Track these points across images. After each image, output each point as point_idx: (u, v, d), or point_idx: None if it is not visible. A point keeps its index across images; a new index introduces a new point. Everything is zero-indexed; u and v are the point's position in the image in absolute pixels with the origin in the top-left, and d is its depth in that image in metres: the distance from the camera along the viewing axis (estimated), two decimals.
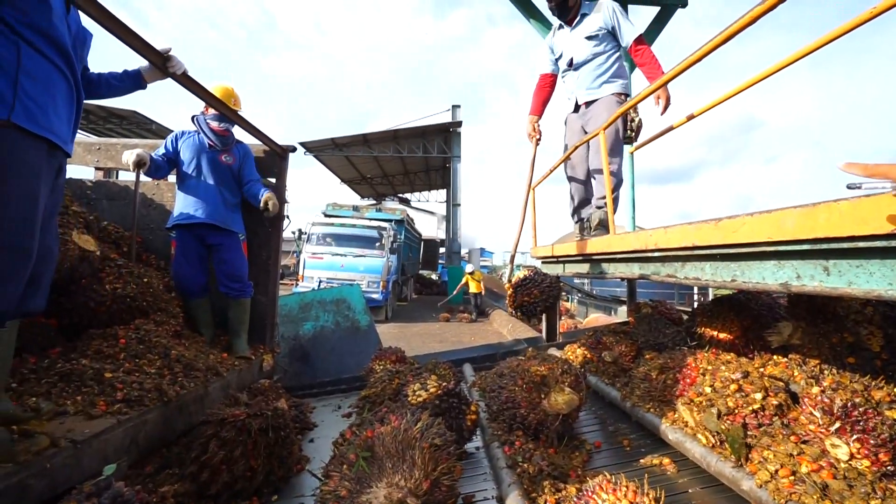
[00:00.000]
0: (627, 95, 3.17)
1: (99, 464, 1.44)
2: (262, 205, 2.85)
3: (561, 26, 3.31)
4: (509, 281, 3.45)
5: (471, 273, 13.46)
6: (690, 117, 3.03)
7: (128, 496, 1.10)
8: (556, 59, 3.41)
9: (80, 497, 1.07)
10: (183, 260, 2.75)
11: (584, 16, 3.16)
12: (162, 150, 2.79)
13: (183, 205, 2.75)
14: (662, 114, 2.99)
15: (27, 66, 1.31)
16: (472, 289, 13.17)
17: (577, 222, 3.52)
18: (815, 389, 1.39)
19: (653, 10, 5.25)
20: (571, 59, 3.25)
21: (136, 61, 1.97)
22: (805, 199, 1.05)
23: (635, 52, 2.98)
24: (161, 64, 1.94)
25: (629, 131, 3.17)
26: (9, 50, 1.27)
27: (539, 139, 3.50)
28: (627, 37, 3.00)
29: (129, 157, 2.59)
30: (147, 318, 2.39)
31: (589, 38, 3.11)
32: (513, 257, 3.67)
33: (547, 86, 3.50)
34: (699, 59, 1.79)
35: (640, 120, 3.24)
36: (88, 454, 1.41)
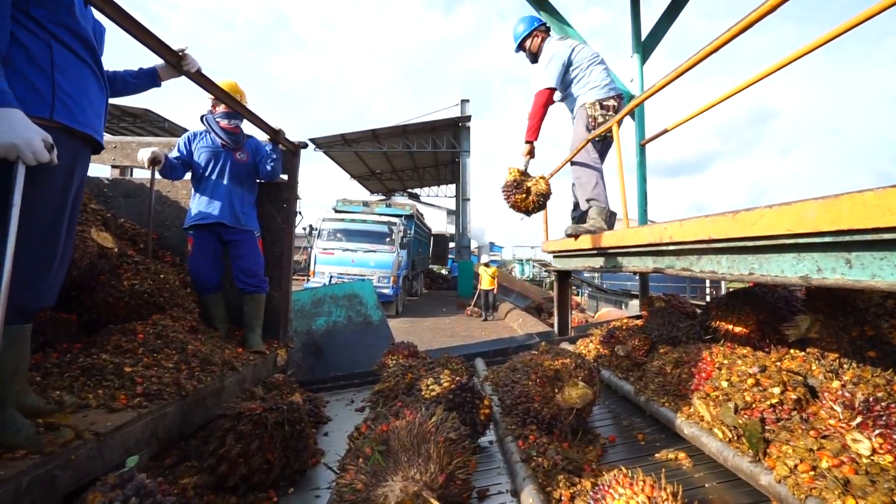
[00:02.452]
0: (598, 100, 3.15)
1: (121, 456, 1.47)
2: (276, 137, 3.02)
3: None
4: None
5: (485, 265, 11.88)
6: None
7: (150, 487, 1.13)
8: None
9: (104, 488, 1.09)
10: (199, 256, 2.79)
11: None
12: (176, 153, 2.82)
13: (199, 205, 2.79)
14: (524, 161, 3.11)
15: (60, 63, 1.34)
16: (485, 284, 11.58)
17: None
18: (836, 384, 1.37)
19: (664, 2, 5.15)
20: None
21: (147, 59, 1.99)
22: (821, 189, 1.03)
23: (533, 96, 3.14)
24: (176, 62, 1.96)
25: (589, 130, 3.19)
26: (42, 49, 1.30)
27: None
28: (533, 86, 3.18)
29: (144, 154, 2.63)
30: (164, 313, 2.43)
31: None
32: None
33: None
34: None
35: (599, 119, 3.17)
36: (111, 446, 1.44)
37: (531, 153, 3.09)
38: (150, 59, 1.98)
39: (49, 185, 1.30)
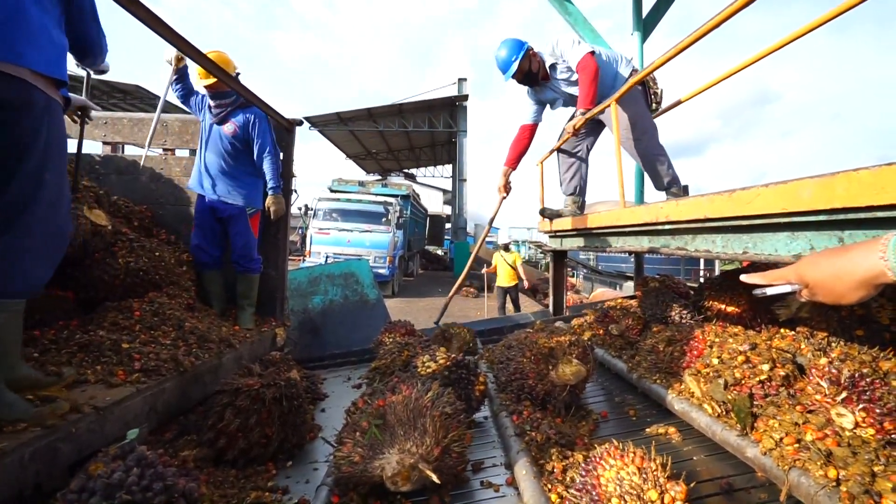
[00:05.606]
0: (635, 70, 3.18)
1: (121, 429, 1.49)
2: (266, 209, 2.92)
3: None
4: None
5: (504, 249, 8.35)
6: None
7: (151, 459, 1.14)
8: (545, 106, 3.49)
9: (106, 459, 1.11)
10: (198, 231, 2.80)
11: (553, 67, 3.21)
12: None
13: (193, 174, 2.84)
14: (571, 133, 3.10)
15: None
16: (504, 279, 8.03)
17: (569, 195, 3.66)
18: (823, 360, 1.40)
19: None
20: (570, 99, 3.33)
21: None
22: (823, 172, 1.05)
23: (578, 66, 3.01)
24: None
25: (654, 104, 3.18)
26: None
27: (507, 195, 3.59)
28: (573, 61, 3.06)
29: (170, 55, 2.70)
30: (160, 291, 2.43)
31: (572, 82, 3.18)
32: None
33: (526, 137, 3.54)
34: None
35: (661, 90, 3.22)
36: (111, 420, 1.46)
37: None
38: None
39: (65, 161, 1.36)
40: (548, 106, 3.50)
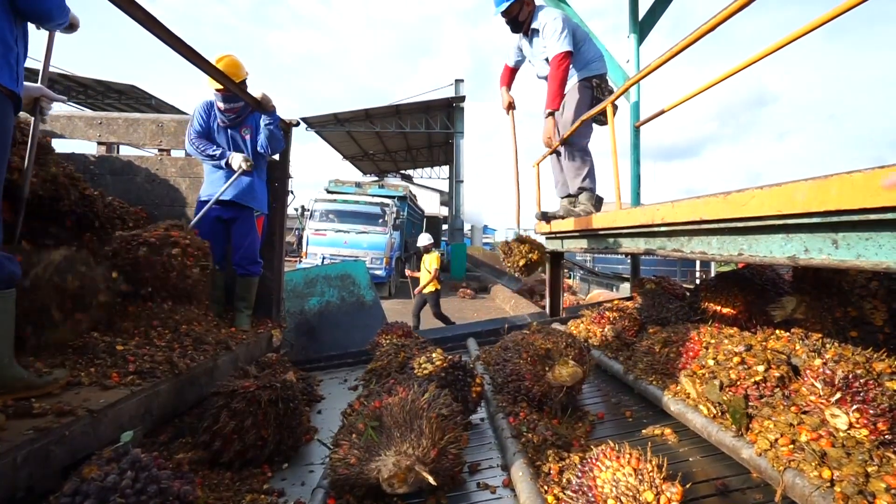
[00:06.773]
0: (595, 76, 3.25)
1: (115, 432, 1.48)
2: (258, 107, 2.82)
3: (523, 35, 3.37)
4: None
5: (426, 250, 7.31)
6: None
7: (146, 461, 1.14)
8: (524, 59, 3.53)
9: (100, 462, 1.10)
10: (200, 232, 2.80)
11: (535, 31, 3.19)
12: (197, 125, 2.84)
13: (208, 181, 2.83)
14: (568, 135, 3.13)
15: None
16: (423, 283, 7.08)
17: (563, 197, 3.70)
18: (818, 361, 1.41)
19: None
20: (538, 74, 3.39)
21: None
22: (818, 173, 1.06)
23: (551, 64, 3.06)
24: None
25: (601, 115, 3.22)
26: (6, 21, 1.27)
27: (514, 107, 3.61)
28: (550, 54, 3.07)
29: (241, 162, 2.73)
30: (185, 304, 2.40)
31: (546, 59, 3.19)
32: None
33: (506, 75, 3.62)
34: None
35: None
36: (105, 423, 1.45)
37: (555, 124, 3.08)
38: None
39: (5, 153, 1.34)
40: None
